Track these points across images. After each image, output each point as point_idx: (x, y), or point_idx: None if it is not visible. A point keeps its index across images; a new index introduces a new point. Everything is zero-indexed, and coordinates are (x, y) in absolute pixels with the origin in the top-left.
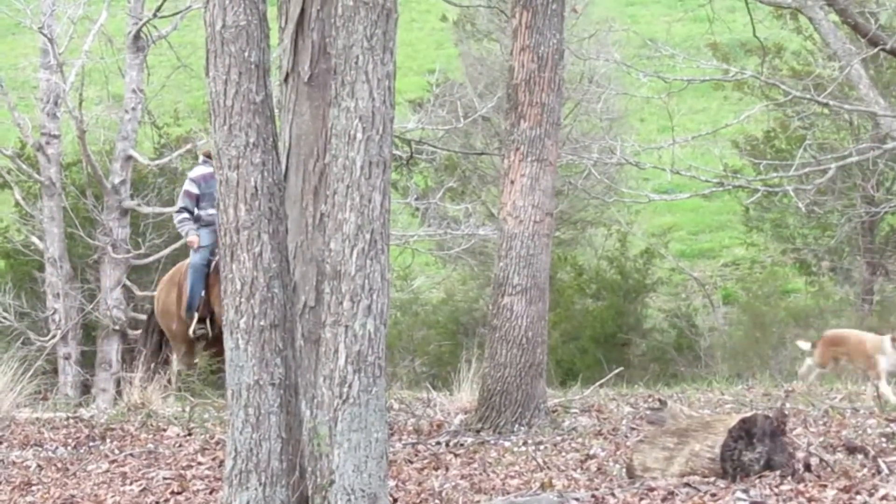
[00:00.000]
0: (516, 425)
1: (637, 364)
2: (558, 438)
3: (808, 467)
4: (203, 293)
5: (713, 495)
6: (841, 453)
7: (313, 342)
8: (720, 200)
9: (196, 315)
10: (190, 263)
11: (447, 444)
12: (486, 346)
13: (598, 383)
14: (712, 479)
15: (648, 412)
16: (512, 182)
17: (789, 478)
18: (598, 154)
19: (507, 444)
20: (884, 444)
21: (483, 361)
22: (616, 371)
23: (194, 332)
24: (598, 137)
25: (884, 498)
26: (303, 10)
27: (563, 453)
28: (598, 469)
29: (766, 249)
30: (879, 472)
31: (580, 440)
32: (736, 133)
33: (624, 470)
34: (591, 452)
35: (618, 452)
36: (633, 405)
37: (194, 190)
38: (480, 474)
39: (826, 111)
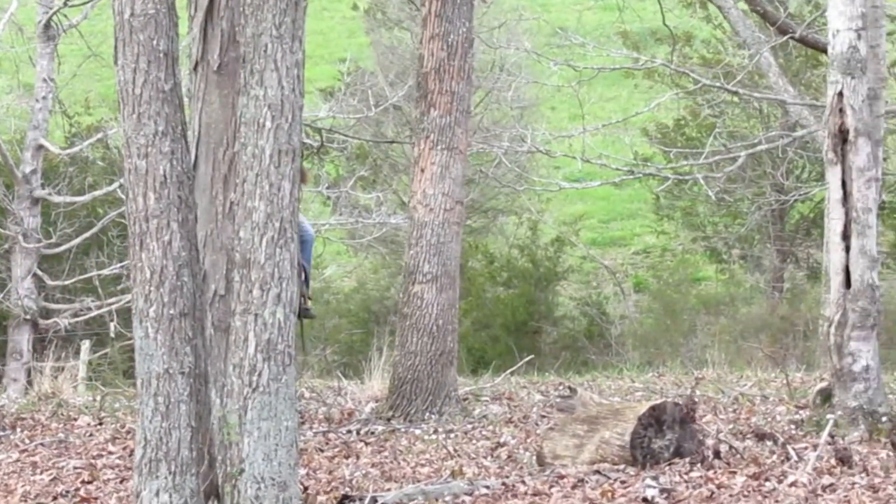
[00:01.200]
0: (427, 413)
1: (548, 352)
2: (469, 426)
3: (717, 454)
4: None
5: (623, 482)
6: (750, 440)
7: (223, 331)
8: (631, 188)
9: None
10: None
11: (358, 433)
12: (397, 335)
13: (508, 371)
14: (622, 466)
15: (559, 400)
16: (422, 170)
17: (699, 465)
18: (509, 142)
19: (417, 432)
20: (793, 431)
21: (394, 350)
22: (527, 359)
23: None
24: (509, 126)
25: (793, 484)
26: None
27: (474, 441)
28: (509, 457)
29: (677, 237)
30: (788, 459)
31: (491, 428)
32: (646, 121)
33: (534, 458)
34: (502, 440)
35: (528, 440)
36: (544, 393)
37: None
38: (391, 462)
39: (736, 99)
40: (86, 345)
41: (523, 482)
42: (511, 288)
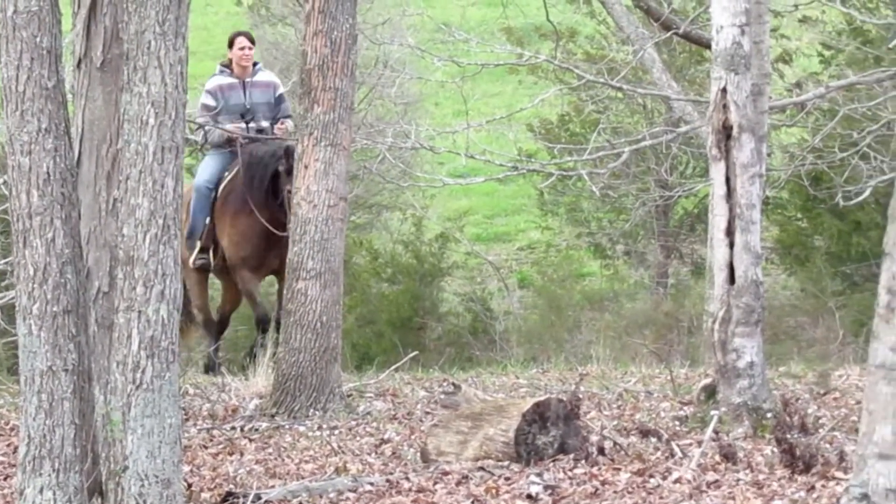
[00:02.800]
0: (311, 410)
1: (433, 348)
2: (353, 423)
3: (601, 451)
4: (207, 221)
5: (507, 479)
6: (634, 436)
7: (107, 328)
8: (515, 184)
9: (199, 244)
10: (194, 185)
11: (242, 429)
12: (281, 331)
13: (393, 367)
14: (506, 462)
15: (443, 396)
16: (306, 166)
17: (583, 461)
18: (393, 138)
19: (301, 428)
20: (677, 428)
21: (278, 347)
22: (411, 355)
23: (194, 261)
24: (393, 122)
25: (677, 481)
26: None
27: (358, 438)
28: (393, 453)
29: (562, 233)
30: (672, 456)
31: (375, 424)
32: (531, 117)
33: (418, 454)
34: (386, 437)
35: (412, 437)
36: (428, 389)
37: (211, 102)
38: (275, 459)
39: (620, 95)
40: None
41: (408, 479)
42: (395, 284)
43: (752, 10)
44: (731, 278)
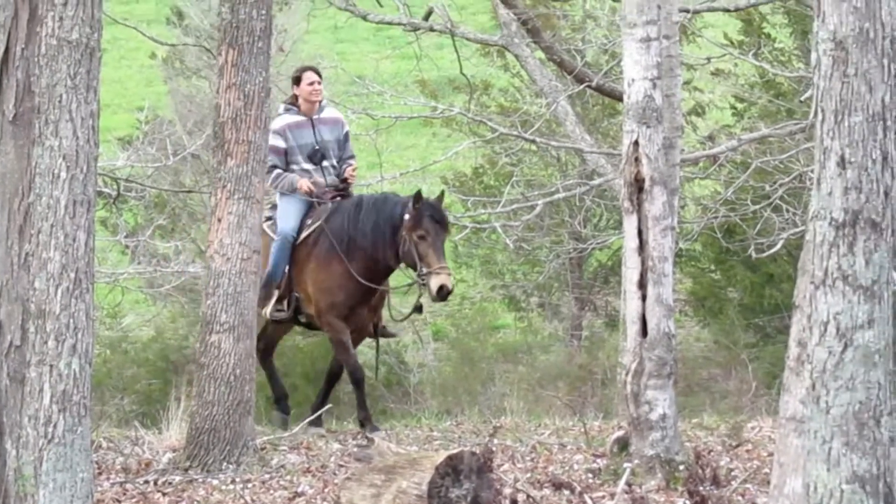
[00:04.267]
0: (224, 463)
1: (347, 401)
2: (266, 476)
3: (515, 503)
4: (287, 269)
5: None
6: (548, 489)
7: (19, 382)
8: None
9: (276, 293)
10: (277, 231)
11: (155, 483)
12: (194, 384)
13: (306, 420)
14: None
15: (356, 449)
16: (219, 220)
17: None
18: None
19: (215, 482)
20: (590, 480)
21: (192, 400)
22: (325, 408)
23: (271, 313)
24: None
25: None
26: (7, 49)
27: (272, 491)
28: None
29: (476, 285)
30: None
31: (288, 477)
32: (445, 169)
33: None
34: (300, 490)
35: (326, 490)
36: (342, 442)
37: (280, 143)
38: None
39: (534, 148)
40: None
41: None
42: (310, 337)
43: (664, 64)
44: (644, 331)
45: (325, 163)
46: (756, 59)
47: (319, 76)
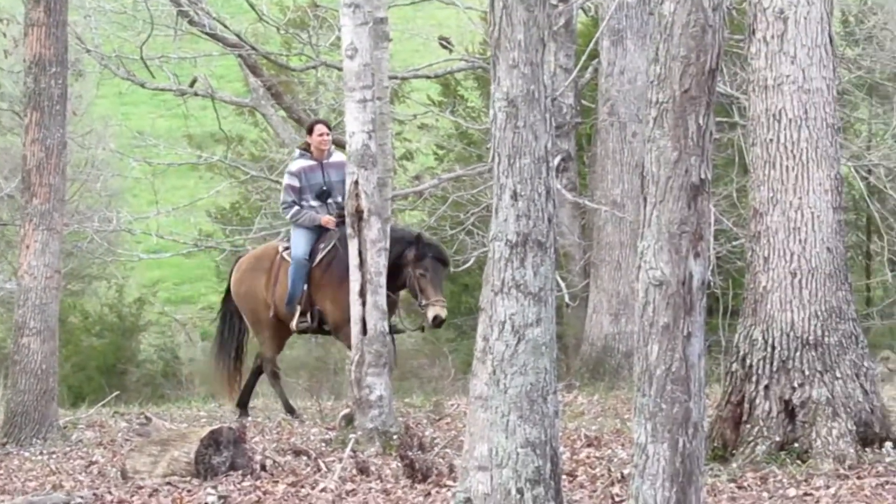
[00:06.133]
0: (34, 439)
1: (133, 388)
2: (68, 449)
3: (263, 467)
4: (305, 287)
5: (189, 491)
6: (290, 455)
7: None
8: (197, 258)
9: (298, 308)
10: (292, 257)
11: None
12: (9, 377)
13: (100, 404)
14: (189, 478)
15: (138, 426)
16: (27, 246)
17: (249, 476)
18: (99, 223)
19: (26, 454)
20: (323, 448)
21: (7, 389)
22: (114, 394)
23: (297, 325)
24: (100, 209)
25: (323, 490)
26: None
27: (72, 461)
28: (99, 472)
29: None
30: (320, 470)
31: (85, 450)
32: (209, 205)
33: (119, 473)
34: (94, 459)
35: (115, 459)
36: (128, 421)
37: (296, 183)
38: (5, 479)
39: (279, 186)
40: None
41: (110, 492)
42: (103, 338)
43: (378, 119)
44: (364, 330)
45: (329, 200)
46: (452, 115)
47: (329, 128)
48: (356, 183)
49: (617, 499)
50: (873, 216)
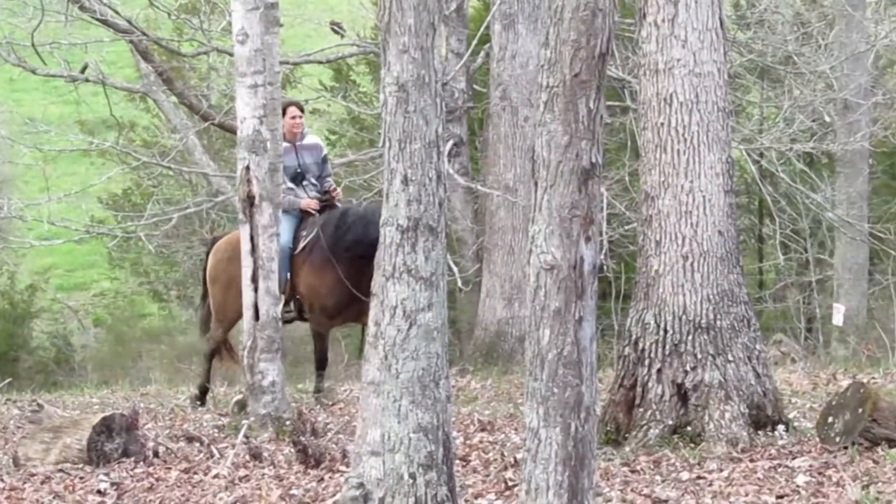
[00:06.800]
0: None
1: (25, 376)
2: None
3: (156, 454)
4: (288, 276)
5: (81, 478)
6: (183, 442)
7: None
8: (89, 244)
9: (282, 297)
10: (280, 244)
11: None
12: None
13: None
14: (81, 465)
15: (30, 413)
16: None
17: (142, 462)
18: None
19: None
20: (216, 434)
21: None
22: (6, 381)
23: (281, 314)
24: None
25: (216, 476)
26: None
27: None
28: None
29: (127, 282)
30: (212, 456)
31: None
32: (101, 191)
33: (11, 460)
34: None
35: (6, 446)
36: (20, 408)
37: None
38: None
39: (170, 173)
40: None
41: (2, 480)
42: None
43: (269, 105)
44: (257, 316)
45: (304, 182)
46: (344, 100)
47: (301, 110)
48: (247, 168)
49: (510, 483)
50: (765, 199)
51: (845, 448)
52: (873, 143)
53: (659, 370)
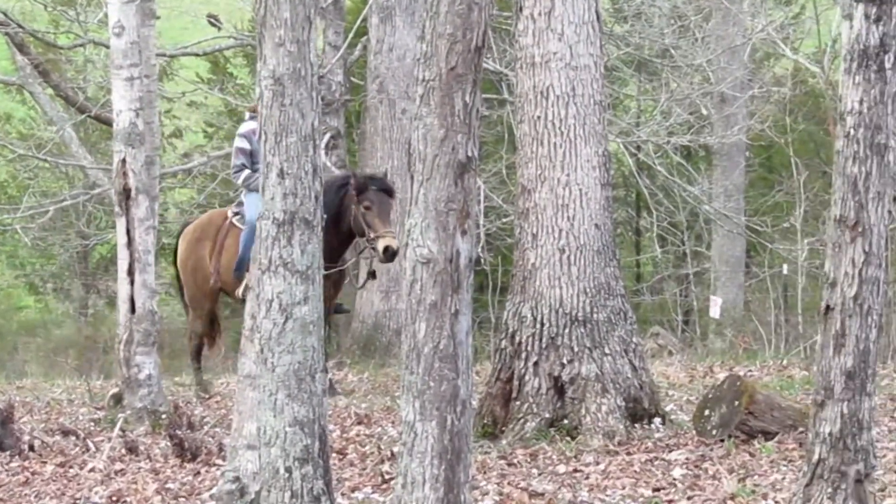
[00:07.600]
0: None
1: None
2: None
3: (31, 447)
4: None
5: None
6: (58, 435)
7: None
8: None
9: (247, 277)
10: (246, 220)
11: None
12: None
13: None
14: None
15: None
16: None
17: (17, 456)
18: None
19: None
20: (92, 428)
21: None
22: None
23: (242, 293)
24: None
25: (91, 470)
26: None
27: None
28: None
29: (3, 275)
30: (89, 450)
31: None
32: None
33: None
34: None
35: None
36: None
37: (246, 146)
38: None
39: (47, 165)
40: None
41: None
42: None
43: (145, 98)
44: (133, 308)
45: None
46: (222, 93)
47: None
48: (123, 161)
49: (386, 476)
50: (643, 192)
51: (722, 441)
52: (750, 137)
53: (535, 363)
